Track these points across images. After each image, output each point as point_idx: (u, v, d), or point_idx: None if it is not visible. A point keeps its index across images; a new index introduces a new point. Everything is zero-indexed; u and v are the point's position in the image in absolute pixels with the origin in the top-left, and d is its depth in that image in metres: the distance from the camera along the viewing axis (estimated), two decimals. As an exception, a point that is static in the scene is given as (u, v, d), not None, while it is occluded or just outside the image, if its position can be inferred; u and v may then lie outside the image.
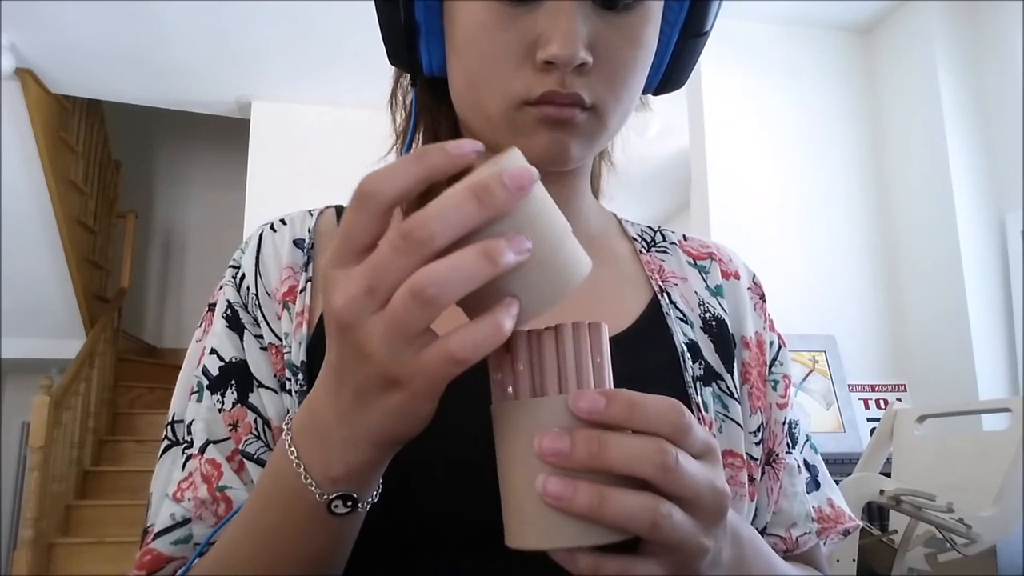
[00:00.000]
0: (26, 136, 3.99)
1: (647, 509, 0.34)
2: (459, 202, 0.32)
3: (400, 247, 0.32)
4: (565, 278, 0.36)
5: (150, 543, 0.50)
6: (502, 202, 0.33)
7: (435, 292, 0.32)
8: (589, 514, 0.33)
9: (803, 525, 0.59)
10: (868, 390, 2.88)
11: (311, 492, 0.38)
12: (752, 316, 0.62)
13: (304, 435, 0.39)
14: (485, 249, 0.32)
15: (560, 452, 0.34)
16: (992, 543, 1.49)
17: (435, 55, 0.55)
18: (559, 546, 0.35)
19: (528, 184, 0.33)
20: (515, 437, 0.36)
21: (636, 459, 0.34)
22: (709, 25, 0.56)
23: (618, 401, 0.35)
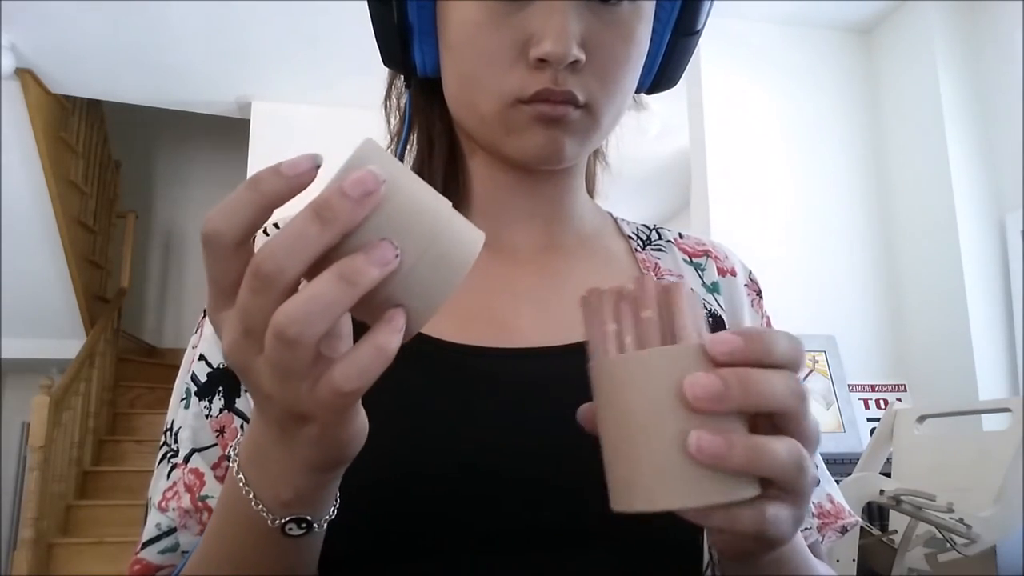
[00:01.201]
0: (26, 136, 3.99)
1: (796, 454, 0.33)
2: (302, 226, 0.31)
3: (255, 286, 0.31)
4: (453, 265, 0.34)
5: (139, 552, 0.50)
6: (347, 215, 0.31)
7: (297, 331, 0.30)
8: (746, 467, 0.32)
9: (804, 520, 0.59)
10: (868, 390, 2.88)
11: (264, 517, 0.38)
12: (749, 312, 0.62)
13: (250, 463, 0.38)
14: (342, 272, 0.31)
15: (714, 395, 0.32)
16: (992, 543, 1.49)
17: (428, 56, 0.54)
18: (699, 504, 0.33)
19: (374, 186, 0.31)
20: (638, 390, 0.33)
21: (781, 394, 0.33)
22: (701, 24, 0.57)
23: (755, 338, 0.33)
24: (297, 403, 0.33)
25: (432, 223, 0.33)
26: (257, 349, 0.32)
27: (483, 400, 0.50)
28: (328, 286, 0.31)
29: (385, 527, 0.47)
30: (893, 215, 3.06)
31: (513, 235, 0.59)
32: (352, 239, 0.32)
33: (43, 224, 4.39)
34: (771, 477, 0.33)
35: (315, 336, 0.31)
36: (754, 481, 0.33)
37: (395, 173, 0.33)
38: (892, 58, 3.09)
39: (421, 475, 0.48)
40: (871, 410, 2.84)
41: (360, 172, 0.31)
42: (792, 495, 0.34)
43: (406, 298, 0.33)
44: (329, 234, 0.31)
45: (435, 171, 0.58)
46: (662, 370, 0.33)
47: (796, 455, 0.33)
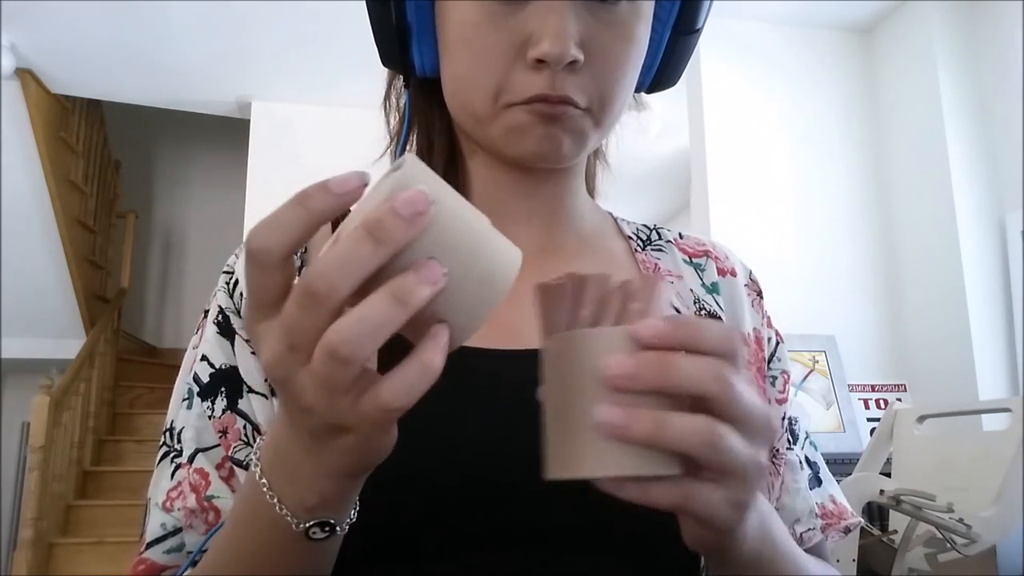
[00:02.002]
0: (26, 136, 3.99)
1: (704, 431, 0.33)
2: (354, 246, 0.31)
3: (305, 304, 0.31)
4: (495, 284, 0.35)
5: (143, 552, 0.50)
6: (400, 234, 0.31)
7: (350, 350, 0.31)
8: (648, 440, 0.33)
9: (807, 521, 0.59)
10: (868, 390, 2.88)
11: (288, 521, 0.38)
12: (750, 313, 0.62)
13: (273, 469, 0.38)
14: (394, 292, 0.31)
15: (629, 374, 0.33)
16: (992, 543, 1.49)
17: (427, 56, 0.54)
18: (610, 474, 0.34)
19: (425, 206, 0.31)
20: (570, 366, 0.35)
21: (699, 376, 0.33)
22: (701, 23, 0.57)
23: (682, 325, 0.34)
24: (339, 417, 0.33)
25: (476, 241, 0.34)
26: (301, 363, 0.32)
27: (483, 401, 0.50)
28: (381, 306, 0.31)
29: (386, 528, 0.47)
30: (893, 215, 3.06)
31: (513, 236, 0.59)
32: (400, 258, 0.32)
33: (43, 224, 4.39)
34: (679, 451, 0.33)
35: (366, 355, 0.31)
36: (676, 460, 0.34)
37: (439, 192, 0.33)
38: (892, 58, 3.09)
39: (421, 477, 0.48)
40: (871, 410, 2.84)
41: (411, 192, 0.31)
42: (721, 477, 0.34)
43: (450, 314, 0.34)
44: (382, 254, 0.31)
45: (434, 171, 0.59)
46: (589, 349, 0.35)
47: (707, 432, 0.33)
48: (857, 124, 3.14)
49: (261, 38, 3.44)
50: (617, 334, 0.35)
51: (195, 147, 6.26)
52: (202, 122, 4.69)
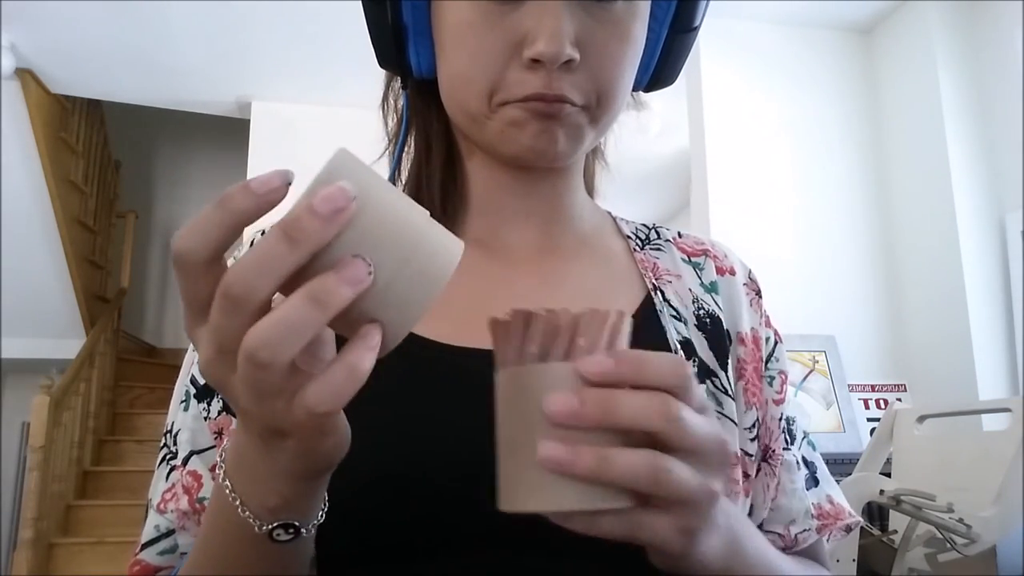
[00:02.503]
0: (26, 136, 3.99)
1: (648, 465, 0.33)
2: (270, 246, 0.30)
3: (225, 308, 0.31)
4: (430, 278, 0.34)
5: (139, 554, 0.51)
6: (317, 233, 0.30)
7: (267, 354, 0.30)
8: (591, 477, 0.33)
9: (802, 522, 0.59)
10: (868, 390, 2.88)
11: (251, 524, 0.38)
12: (748, 312, 0.62)
13: (235, 470, 0.38)
14: (312, 294, 0.30)
15: (571, 412, 0.33)
16: (992, 543, 1.49)
17: (424, 56, 0.54)
18: (557, 509, 0.34)
19: (344, 203, 0.30)
20: (518, 401, 0.36)
21: (643, 413, 0.34)
22: (698, 21, 0.56)
23: (626, 361, 0.34)
24: (274, 420, 0.33)
25: (408, 237, 0.33)
26: (232, 367, 0.32)
27: (479, 402, 0.50)
28: (298, 308, 0.30)
29: (380, 528, 0.47)
30: (893, 215, 3.06)
31: (511, 235, 0.59)
32: (325, 255, 0.31)
33: (43, 224, 4.39)
34: (623, 485, 0.33)
35: (286, 358, 0.30)
36: (624, 492, 0.34)
37: (369, 185, 0.33)
38: (892, 58, 3.09)
39: (415, 477, 0.48)
40: (871, 410, 2.84)
41: (330, 188, 0.31)
42: (669, 506, 0.35)
43: (382, 313, 0.33)
44: (299, 254, 0.30)
45: (432, 172, 0.58)
46: (535, 385, 0.35)
47: (650, 467, 0.33)
48: (857, 124, 3.14)
49: (261, 38, 3.44)
50: (563, 370, 0.35)
51: (195, 147, 6.27)
52: (202, 122, 4.69)
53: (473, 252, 0.58)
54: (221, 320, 0.31)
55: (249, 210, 0.31)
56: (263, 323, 0.30)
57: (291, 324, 0.30)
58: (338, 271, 0.31)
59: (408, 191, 0.60)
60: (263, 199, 0.31)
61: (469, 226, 0.59)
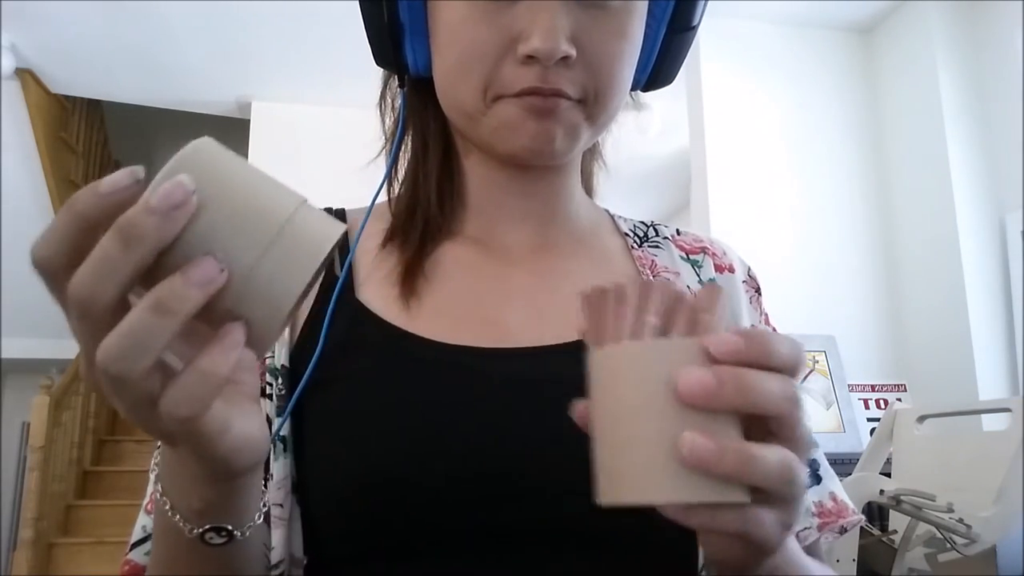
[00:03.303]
0: (26, 136, 3.99)
1: (786, 467, 0.32)
2: (107, 250, 0.28)
3: (74, 315, 0.29)
4: (294, 269, 0.31)
5: (128, 554, 0.52)
6: (155, 233, 0.28)
7: (119, 368, 0.29)
8: (735, 476, 0.32)
9: (803, 520, 0.59)
10: (868, 390, 2.88)
11: (182, 528, 0.37)
12: (747, 310, 0.62)
13: (163, 475, 0.38)
14: (158, 301, 0.29)
15: (707, 392, 0.31)
16: (992, 543, 1.49)
17: (420, 55, 0.54)
18: (680, 501, 0.32)
19: (182, 198, 0.29)
20: (634, 381, 0.33)
21: (776, 398, 0.32)
22: (696, 20, 0.56)
23: (756, 341, 0.32)
24: (150, 428, 0.32)
25: (266, 226, 0.31)
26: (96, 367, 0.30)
27: (475, 401, 0.50)
28: (144, 318, 0.29)
29: (378, 528, 0.47)
30: (893, 215, 3.05)
31: (508, 234, 0.59)
32: (174, 253, 0.29)
33: (43, 224, 4.24)
34: (760, 486, 0.32)
35: (141, 370, 0.29)
36: (741, 486, 0.33)
37: (222, 175, 0.31)
38: (892, 58, 3.09)
39: (412, 476, 0.48)
40: (871, 410, 2.84)
41: (167, 184, 0.29)
42: (780, 502, 0.34)
43: (246, 309, 0.31)
44: (136, 255, 0.29)
45: (429, 171, 0.58)
46: (657, 362, 0.32)
47: (787, 466, 0.33)
48: (857, 124, 3.13)
49: (261, 38, 3.44)
50: (689, 347, 0.32)
51: (195, 147, 6.26)
52: (202, 122, 4.67)
53: (470, 251, 0.58)
54: (77, 327, 0.30)
55: (95, 212, 0.30)
56: (111, 336, 0.29)
57: (138, 335, 0.29)
58: (184, 272, 0.29)
59: (405, 189, 0.60)
60: (109, 199, 0.30)
61: (466, 224, 0.59)
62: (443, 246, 0.57)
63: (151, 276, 0.30)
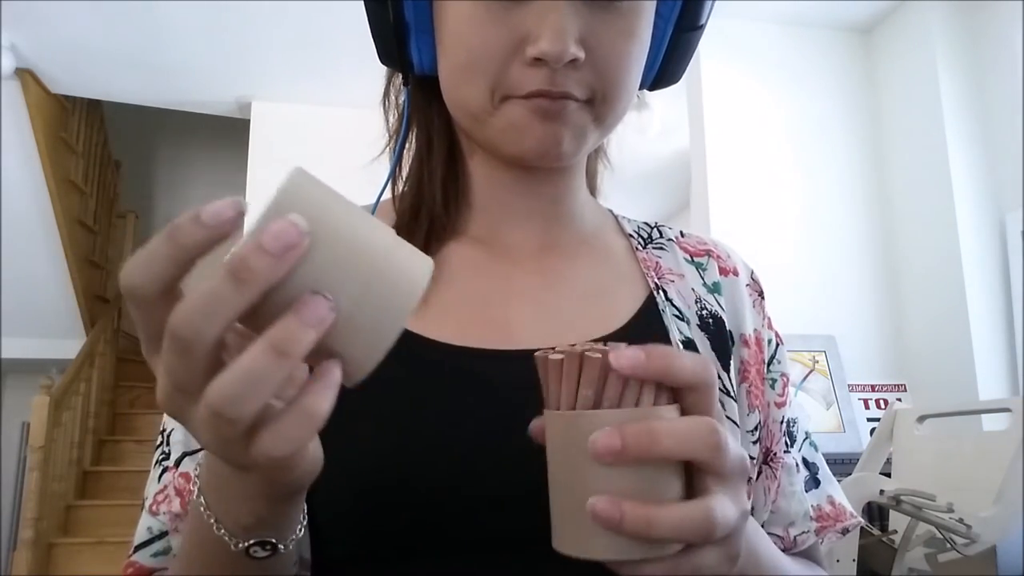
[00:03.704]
0: (26, 136, 3.99)
1: (696, 520, 0.34)
2: (217, 288, 0.28)
3: (175, 349, 0.29)
4: (394, 306, 0.31)
5: (132, 556, 0.51)
6: (267, 272, 0.28)
7: (234, 411, 0.29)
8: (640, 534, 0.34)
9: (801, 524, 0.59)
10: (868, 390, 2.88)
11: (227, 542, 0.38)
12: (751, 313, 0.62)
13: (210, 489, 0.38)
14: (274, 343, 0.28)
15: (614, 450, 0.34)
16: (992, 543, 1.49)
17: (425, 53, 0.54)
18: (607, 559, 0.35)
19: (296, 239, 0.28)
20: (569, 446, 0.36)
21: (688, 445, 0.34)
22: (704, 19, 0.56)
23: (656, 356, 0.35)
24: (234, 460, 0.32)
25: (369, 264, 0.31)
26: (189, 402, 0.31)
27: (480, 403, 0.50)
28: (260, 360, 0.29)
29: (380, 531, 0.47)
30: (893, 215, 3.06)
31: (512, 235, 0.59)
32: (280, 291, 0.29)
33: (43, 224, 4.39)
34: (672, 540, 0.34)
35: (254, 410, 0.29)
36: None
37: (325, 210, 0.30)
38: (892, 58, 3.09)
39: (416, 478, 0.47)
40: (871, 410, 2.84)
41: (279, 223, 0.28)
42: (720, 542, 0.35)
43: (345, 346, 0.31)
44: (248, 295, 0.28)
45: (434, 170, 0.58)
46: (586, 431, 0.35)
47: (700, 520, 0.34)
48: (857, 124, 3.13)
49: (261, 38, 3.44)
50: (615, 418, 0.35)
51: (195, 147, 6.26)
52: (202, 122, 4.68)
53: (474, 251, 0.58)
54: (175, 361, 0.30)
55: (199, 243, 0.29)
56: (227, 378, 0.29)
57: (255, 377, 0.29)
58: (298, 312, 0.29)
59: (409, 188, 0.59)
60: (214, 231, 0.29)
61: (471, 224, 0.59)
62: (448, 246, 0.57)
63: (252, 313, 0.29)
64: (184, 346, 0.29)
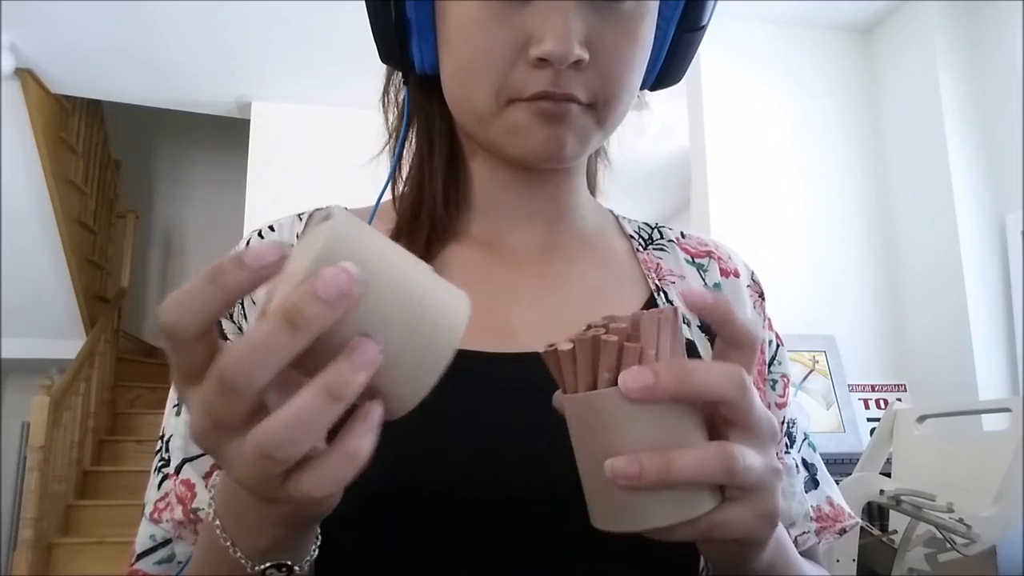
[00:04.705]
0: (26, 136, 3.99)
1: (717, 457, 0.34)
2: (271, 334, 0.28)
3: (222, 392, 0.29)
4: (439, 345, 0.32)
5: (134, 564, 0.51)
6: (322, 320, 0.28)
7: (284, 453, 0.29)
8: (661, 482, 0.33)
9: (801, 524, 0.59)
10: (868, 390, 2.88)
11: (243, 564, 0.38)
12: (752, 314, 0.62)
13: (227, 513, 0.38)
14: (328, 387, 0.29)
15: (647, 386, 0.34)
16: (992, 543, 1.49)
17: (427, 53, 0.54)
18: (645, 527, 0.35)
19: (350, 287, 0.28)
20: (595, 426, 0.36)
21: (717, 383, 0.34)
22: (706, 19, 0.56)
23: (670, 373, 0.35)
24: (268, 496, 0.32)
25: (414, 305, 0.31)
26: (228, 438, 0.31)
27: (483, 405, 0.50)
28: (315, 403, 0.29)
29: (383, 535, 0.47)
30: (893, 215, 3.06)
31: (513, 235, 0.59)
32: (329, 333, 0.30)
33: (43, 224, 4.39)
34: (696, 483, 0.34)
35: (303, 452, 0.30)
36: (707, 493, 0.35)
37: (369, 250, 0.31)
38: (892, 58, 3.09)
39: (423, 481, 0.47)
40: (871, 410, 2.84)
41: (333, 271, 0.28)
42: (747, 494, 0.35)
43: (390, 386, 0.32)
44: (301, 342, 0.29)
45: (435, 170, 0.58)
46: (610, 408, 0.35)
47: (721, 458, 0.34)
48: (857, 124, 3.13)
49: (261, 38, 3.44)
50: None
51: (195, 147, 6.26)
52: (202, 122, 4.68)
53: (476, 253, 0.57)
54: (219, 402, 0.30)
55: (241, 286, 0.29)
56: (279, 420, 0.29)
57: (308, 420, 0.29)
58: (349, 356, 0.29)
59: (410, 189, 0.59)
60: (257, 274, 0.29)
61: (472, 226, 0.59)
62: (449, 247, 0.57)
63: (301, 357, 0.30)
64: (233, 390, 0.29)
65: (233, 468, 0.32)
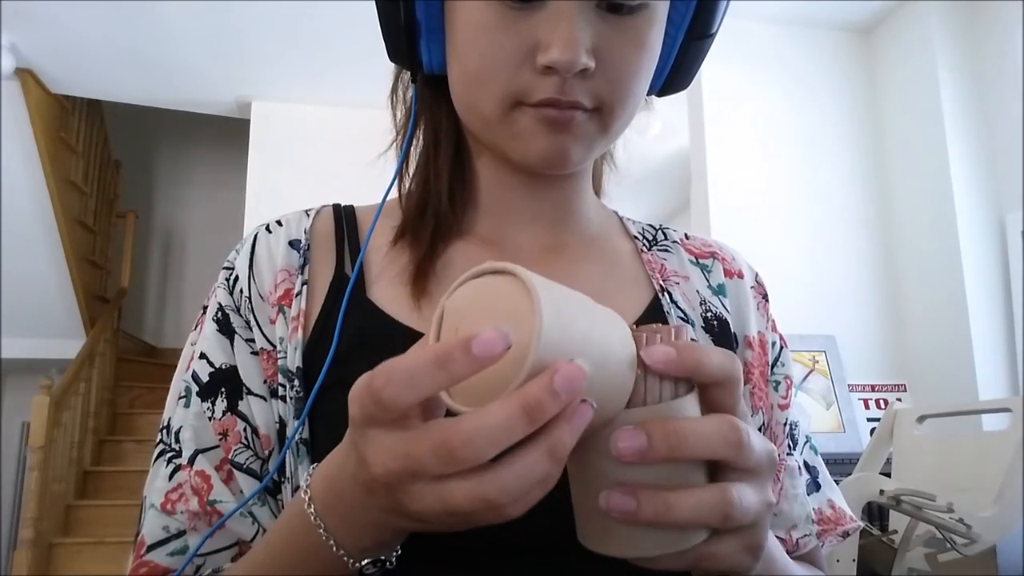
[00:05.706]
0: (26, 136, 3.99)
1: (714, 502, 0.34)
2: (509, 420, 0.30)
3: (444, 459, 0.31)
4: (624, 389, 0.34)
5: (144, 555, 0.50)
6: (555, 410, 0.31)
7: (510, 505, 0.32)
8: (657, 523, 0.34)
9: (803, 527, 0.59)
10: (868, 390, 2.88)
11: (343, 561, 0.39)
12: (755, 315, 0.62)
13: (331, 512, 0.39)
14: (551, 449, 0.31)
15: (639, 449, 0.34)
16: (992, 543, 1.49)
17: (435, 53, 0.54)
18: (633, 555, 0.35)
19: (582, 382, 0.31)
20: (587, 446, 0.36)
21: (710, 444, 0.34)
22: (715, 27, 0.55)
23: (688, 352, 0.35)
24: (436, 521, 0.34)
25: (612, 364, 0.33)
26: (420, 481, 0.32)
27: None
28: (541, 463, 0.31)
29: None
30: (893, 215, 3.06)
31: (518, 236, 0.59)
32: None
33: (43, 224, 4.38)
34: (690, 523, 0.34)
35: (527, 506, 0.32)
36: (697, 528, 0.35)
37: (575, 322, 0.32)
38: (892, 58, 3.09)
39: None
40: (871, 410, 2.84)
41: (570, 369, 0.30)
42: (736, 532, 0.36)
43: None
44: (532, 428, 0.31)
45: (441, 169, 0.58)
46: (604, 430, 0.35)
47: (717, 503, 0.34)
48: (857, 124, 3.14)
49: (261, 38, 3.44)
50: (632, 417, 0.35)
51: (195, 147, 6.26)
52: (202, 122, 4.68)
53: (481, 251, 0.58)
54: (432, 463, 0.31)
55: (468, 372, 0.31)
56: (509, 477, 0.31)
57: (536, 478, 0.31)
58: (570, 420, 0.31)
59: (416, 187, 0.59)
60: (483, 364, 0.31)
61: (477, 225, 0.59)
62: (454, 245, 0.57)
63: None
64: (457, 460, 0.31)
65: (413, 503, 0.33)
